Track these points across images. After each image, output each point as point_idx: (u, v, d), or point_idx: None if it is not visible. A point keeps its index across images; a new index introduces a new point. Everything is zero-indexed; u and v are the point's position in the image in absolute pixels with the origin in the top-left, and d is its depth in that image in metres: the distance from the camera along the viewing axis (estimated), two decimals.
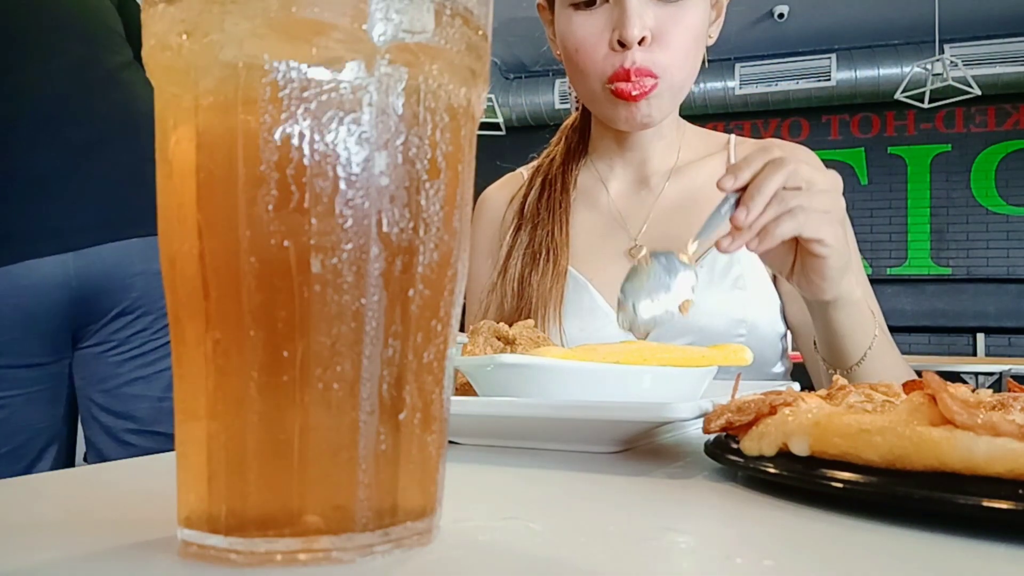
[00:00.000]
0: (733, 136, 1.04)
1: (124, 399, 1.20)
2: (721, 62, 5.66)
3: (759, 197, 0.63)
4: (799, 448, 0.34)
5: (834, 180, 0.67)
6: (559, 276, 0.93)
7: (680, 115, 1.02)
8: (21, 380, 1.16)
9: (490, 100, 5.42)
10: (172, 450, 0.50)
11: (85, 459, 1.26)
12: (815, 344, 0.81)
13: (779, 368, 0.95)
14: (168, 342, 1.15)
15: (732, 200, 0.66)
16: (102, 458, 1.21)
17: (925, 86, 4.36)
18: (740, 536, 0.29)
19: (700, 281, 0.89)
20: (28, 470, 1.17)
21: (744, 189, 0.65)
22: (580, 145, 1.06)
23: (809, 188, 0.64)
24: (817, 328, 0.78)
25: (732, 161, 0.99)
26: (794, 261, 0.71)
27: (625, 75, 0.85)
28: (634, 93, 0.85)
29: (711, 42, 0.94)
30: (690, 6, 0.86)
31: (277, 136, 0.24)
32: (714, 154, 1.01)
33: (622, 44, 0.84)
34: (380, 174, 0.25)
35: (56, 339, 1.17)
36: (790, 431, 0.34)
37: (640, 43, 0.84)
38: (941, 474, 0.28)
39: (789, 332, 0.97)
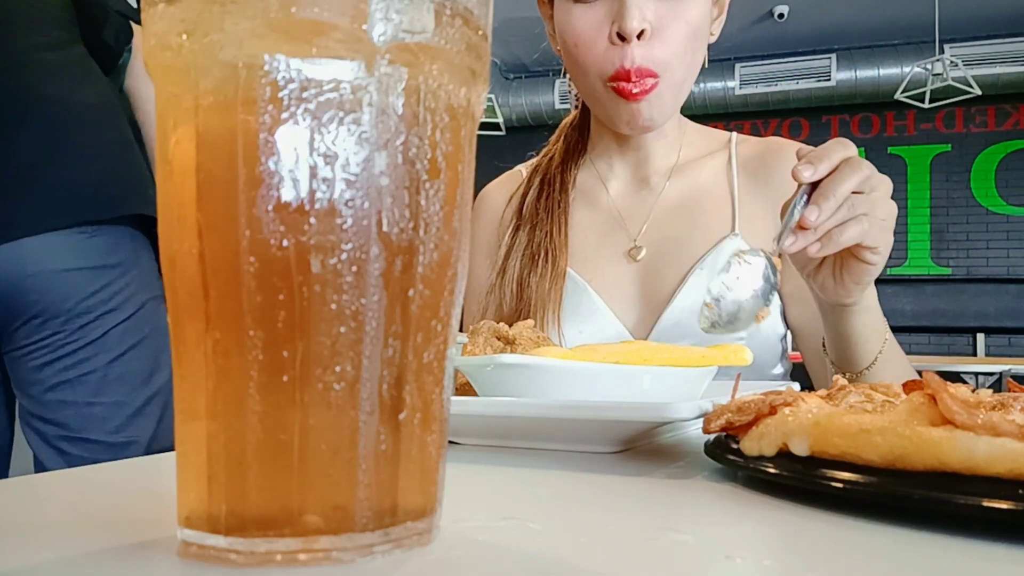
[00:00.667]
0: (734, 134, 1.04)
1: (50, 406, 1.14)
2: (721, 62, 5.65)
3: (833, 199, 0.61)
4: (799, 448, 0.34)
5: (890, 187, 0.66)
6: (558, 278, 0.93)
7: (680, 114, 1.02)
8: None
9: (490, 100, 5.42)
10: (106, 459, 0.50)
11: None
12: (823, 346, 0.80)
13: (779, 369, 0.95)
14: (90, 342, 1.11)
15: (806, 196, 0.63)
16: (41, 467, 1.16)
17: (925, 86, 4.37)
18: (740, 536, 0.29)
19: (702, 282, 0.89)
20: None
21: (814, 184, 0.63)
22: (579, 144, 1.05)
23: (872, 193, 0.63)
24: (829, 331, 0.77)
25: (734, 161, 0.99)
26: (822, 262, 0.70)
27: (625, 75, 0.84)
28: (635, 91, 0.85)
29: (713, 39, 0.93)
30: (691, 1, 0.85)
31: (277, 136, 0.24)
32: (715, 152, 1.00)
33: (621, 37, 0.84)
34: (380, 174, 0.25)
35: None
36: (790, 431, 0.34)
37: (639, 37, 0.83)
38: (941, 474, 0.28)
39: (789, 333, 0.97)
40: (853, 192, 0.62)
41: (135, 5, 1.20)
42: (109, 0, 1.29)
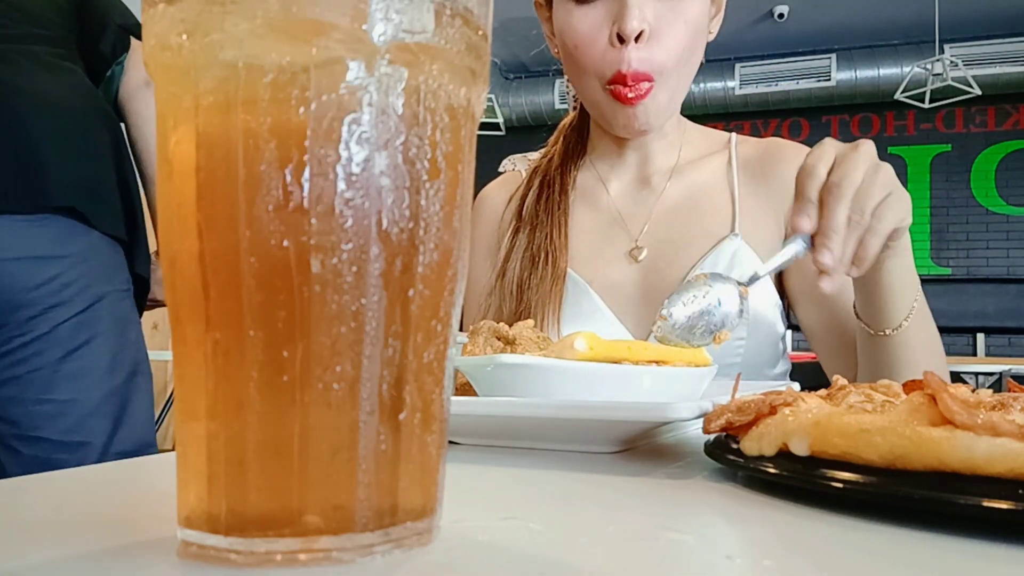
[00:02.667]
0: (734, 135, 1.04)
1: (0, 403, 1.11)
2: (721, 62, 5.65)
3: (836, 237, 0.63)
4: (799, 448, 0.34)
5: (874, 156, 0.66)
6: (558, 279, 0.93)
7: (680, 115, 1.02)
8: None
9: (490, 100, 5.42)
10: (61, 459, 0.49)
11: None
12: (855, 309, 0.79)
13: (779, 369, 0.95)
14: (38, 336, 1.08)
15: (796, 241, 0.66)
16: (2, 468, 1.14)
17: (925, 86, 4.37)
18: (740, 536, 0.29)
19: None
20: None
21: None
22: (579, 145, 1.05)
23: (868, 187, 0.64)
24: (861, 288, 0.77)
25: (734, 162, 0.99)
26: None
27: (622, 79, 0.85)
28: (630, 96, 0.85)
29: (712, 38, 0.93)
30: (689, 0, 0.86)
31: (277, 136, 0.24)
32: (716, 153, 1.01)
33: (621, 39, 0.84)
34: (380, 174, 0.25)
35: None
36: (790, 431, 0.34)
37: (639, 37, 0.84)
38: (941, 474, 0.28)
39: (790, 332, 0.97)
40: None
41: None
42: (112, 12, 1.29)
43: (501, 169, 1.16)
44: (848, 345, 0.88)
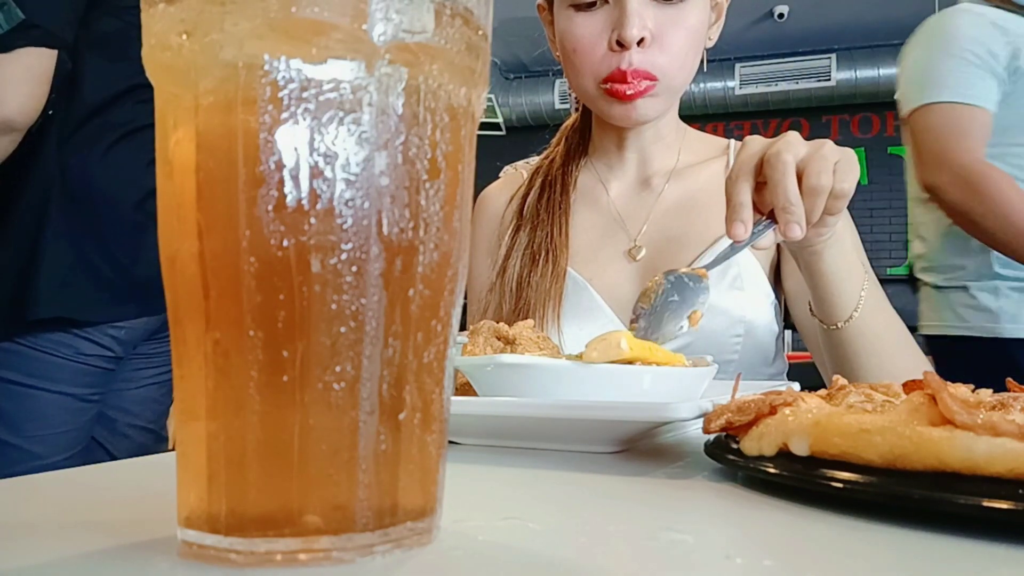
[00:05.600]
0: (733, 141, 1.05)
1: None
2: (721, 62, 5.65)
3: (795, 209, 0.64)
4: (799, 448, 0.34)
5: (795, 134, 0.67)
6: (558, 277, 0.93)
7: (680, 115, 1.03)
8: None
9: (490, 100, 5.42)
10: (162, 448, 0.50)
11: None
12: (810, 307, 0.80)
13: (776, 368, 0.95)
14: None
15: (763, 224, 0.67)
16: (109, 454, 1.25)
17: None
18: (740, 536, 0.29)
19: None
20: None
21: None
22: (580, 146, 1.06)
23: (817, 152, 0.64)
24: (808, 281, 0.77)
25: (731, 164, 0.99)
26: None
27: (621, 76, 0.85)
28: (628, 92, 0.86)
29: (711, 44, 0.94)
30: (690, 7, 0.86)
31: (277, 136, 0.24)
32: (714, 158, 1.02)
33: (621, 45, 0.85)
34: (380, 174, 0.25)
35: None
36: (790, 431, 0.34)
37: (639, 44, 0.84)
38: (941, 474, 0.28)
39: (789, 332, 0.97)
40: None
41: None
42: None
43: (501, 175, 1.16)
44: None
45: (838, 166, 0.64)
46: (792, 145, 0.65)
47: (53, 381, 1.16)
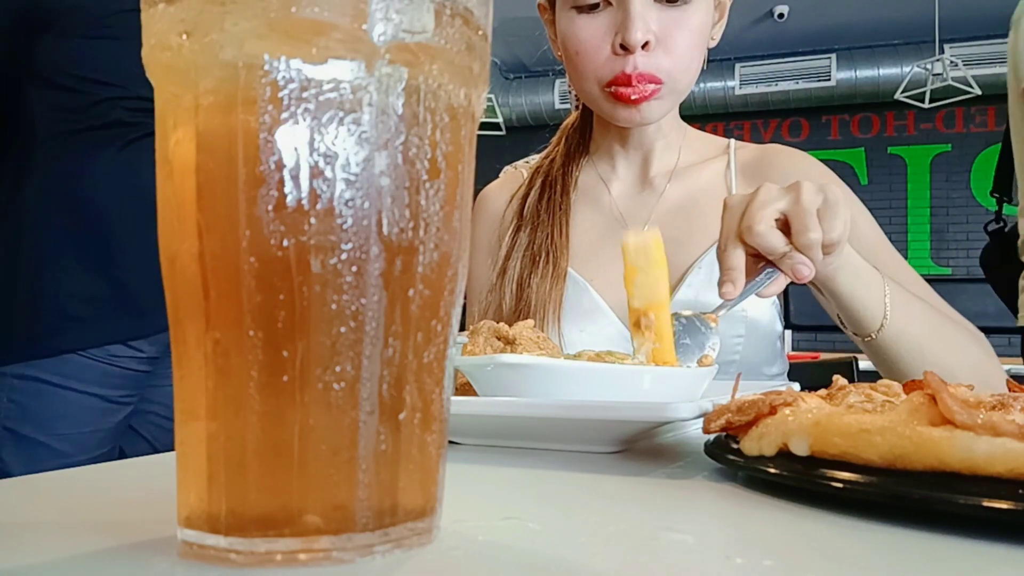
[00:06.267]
0: (733, 141, 1.05)
1: None
2: (721, 62, 5.65)
3: (793, 254, 0.65)
4: (799, 448, 0.34)
5: (801, 188, 0.66)
6: (558, 278, 0.93)
7: (680, 115, 1.03)
8: None
9: (490, 100, 5.42)
10: None
11: None
12: (840, 321, 0.79)
13: (777, 368, 0.95)
14: None
15: (765, 273, 0.68)
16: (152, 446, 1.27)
17: (925, 86, 4.36)
18: (740, 536, 0.29)
19: (700, 280, 0.89)
20: None
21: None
22: (581, 146, 1.06)
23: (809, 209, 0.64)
24: (832, 304, 0.76)
25: (732, 166, 0.99)
26: None
27: (626, 80, 0.85)
28: (633, 97, 0.86)
29: (713, 44, 0.94)
30: (693, 9, 0.86)
31: (277, 136, 0.24)
32: (715, 157, 1.02)
33: (625, 48, 0.84)
34: (380, 174, 0.25)
35: None
36: (790, 431, 0.34)
37: (644, 47, 0.84)
38: (941, 474, 0.28)
39: (789, 332, 0.97)
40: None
41: None
42: None
43: (502, 175, 1.16)
44: None
45: (821, 215, 0.64)
46: (769, 203, 0.65)
47: (82, 382, 1.18)
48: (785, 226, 0.66)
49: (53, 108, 1.19)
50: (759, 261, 0.68)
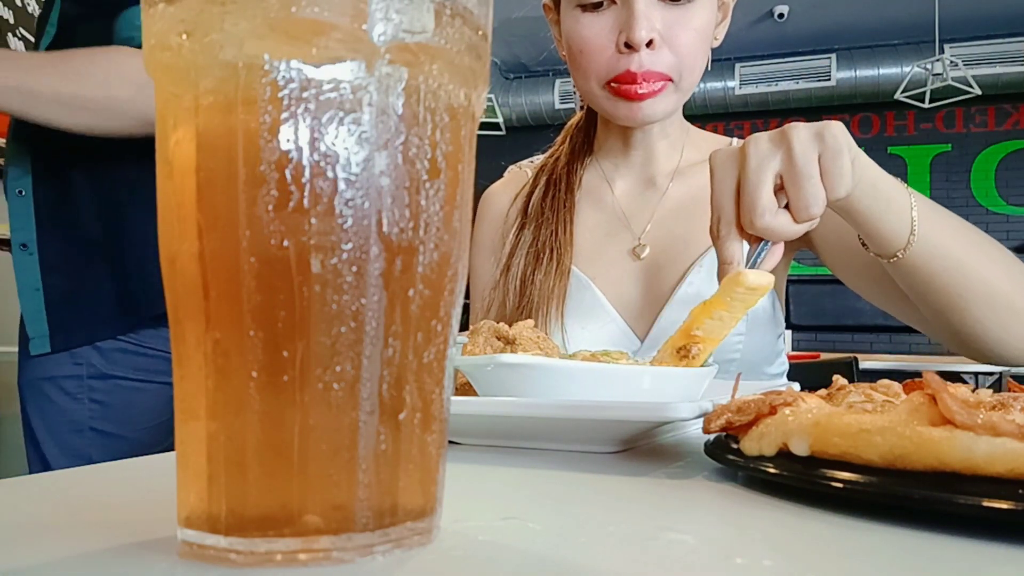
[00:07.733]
0: (735, 139, 1.05)
1: None
2: (721, 62, 5.65)
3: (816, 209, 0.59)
4: (799, 448, 0.34)
5: (792, 131, 0.61)
6: (562, 275, 0.93)
7: (684, 119, 1.03)
8: None
9: (490, 100, 5.42)
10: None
11: None
12: (863, 244, 0.70)
13: (777, 368, 0.95)
14: None
15: (760, 247, 0.64)
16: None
17: (925, 86, 4.36)
18: (740, 536, 0.29)
19: (701, 278, 0.89)
20: None
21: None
22: (585, 145, 1.06)
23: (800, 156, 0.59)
24: (853, 224, 0.68)
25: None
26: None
27: (631, 77, 0.85)
28: (641, 91, 0.85)
29: (716, 43, 0.94)
30: (697, 7, 0.86)
31: (277, 136, 0.24)
32: None
33: (629, 46, 0.84)
34: (380, 174, 0.25)
35: None
36: (790, 431, 0.34)
37: (648, 46, 0.84)
38: (941, 474, 0.28)
39: (789, 332, 0.97)
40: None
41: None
42: None
43: (506, 174, 1.16)
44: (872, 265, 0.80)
45: (823, 168, 0.59)
46: (763, 169, 0.60)
47: (156, 373, 1.20)
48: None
49: None
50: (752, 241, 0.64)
